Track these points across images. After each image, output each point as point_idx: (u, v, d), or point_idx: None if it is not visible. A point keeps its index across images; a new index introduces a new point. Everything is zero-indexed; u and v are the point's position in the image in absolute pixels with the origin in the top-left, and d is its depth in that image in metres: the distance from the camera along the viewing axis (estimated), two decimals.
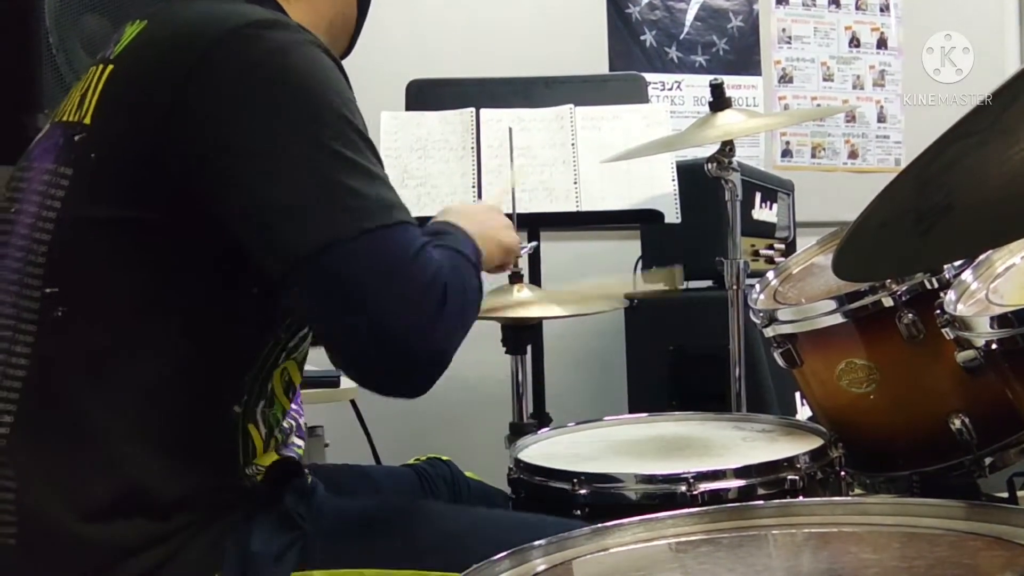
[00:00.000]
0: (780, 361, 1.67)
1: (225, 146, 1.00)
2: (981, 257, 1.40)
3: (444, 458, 1.57)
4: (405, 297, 0.99)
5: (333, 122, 1.02)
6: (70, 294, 1.03)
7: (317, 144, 1.00)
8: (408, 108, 2.34)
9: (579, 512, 1.26)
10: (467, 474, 1.57)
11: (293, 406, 1.37)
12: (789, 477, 1.27)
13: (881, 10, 3.69)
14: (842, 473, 1.37)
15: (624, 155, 1.97)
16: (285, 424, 1.28)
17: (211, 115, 1.00)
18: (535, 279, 2.29)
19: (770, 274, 1.85)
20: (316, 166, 1.00)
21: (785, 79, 3.58)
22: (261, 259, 1.01)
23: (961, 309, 1.33)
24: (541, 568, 0.86)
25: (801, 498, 1.24)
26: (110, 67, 1.07)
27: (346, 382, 1.97)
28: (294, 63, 1.02)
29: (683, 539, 0.92)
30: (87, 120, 1.06)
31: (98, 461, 1.01)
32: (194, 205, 1.01)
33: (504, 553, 0.85)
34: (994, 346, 1.21)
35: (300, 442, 1.42)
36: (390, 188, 1.04)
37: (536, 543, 0.88)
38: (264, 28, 1.03)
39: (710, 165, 1.87)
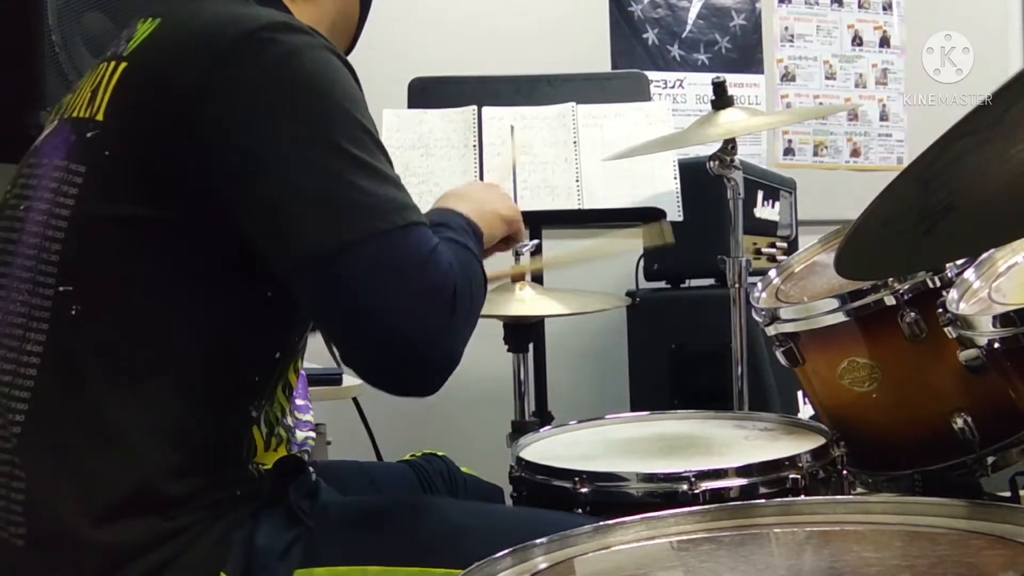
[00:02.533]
0: (782, 360, 1.67)
1: (239, 147, 1.00)
2: (983, 256, 1.40)
3: (440, 453, 1.58)
4: (417, 300, 1.00)
5: (345, 123, 1.02)
6: (85, 292, 1.02)
7: (329, 145, 1.00)
8: (410, 106, 2.34)
9: (580, 511, 1.26)
10: (463, 469, 1.58)
11: (301, 401, 1.37)
12: (791, 476, 1.27)
13: (884, 9, 3.68)
14: (844, 472, 1.37)
15: (626, 153, 1.97)
16: (290, 421, 1.29)
17: (226, 116, 1.00)
18: (537, 277, 2.29)
19: (772, 272, 1.85)
20: (328, 167, 1.00)
21: (787, 77, 3.58)
22: (272, 259, 1.01)
23: (963, 308, 1.33)
24: (543, 566, 0.86)
25: (803, 497, 1.24)
26: (123, 64, 1.07)
27: (348, 380, 1.97)
28: (307, 66, 1.03)
29: (685, 537, 0.92)
30: (100, 117, 1.05)
31: (112, 459, 1.01)
32: (208, 204, 1.01)
33: (506, 551, 0.85)
34: (996, 345, 1.21)
35: (312, 433, 1.42)
36: (401, 188, 1.05)
37: (538, 541, 0.88)
38: (277, 31, 1.03)
39: (712, 163, 1.87)
